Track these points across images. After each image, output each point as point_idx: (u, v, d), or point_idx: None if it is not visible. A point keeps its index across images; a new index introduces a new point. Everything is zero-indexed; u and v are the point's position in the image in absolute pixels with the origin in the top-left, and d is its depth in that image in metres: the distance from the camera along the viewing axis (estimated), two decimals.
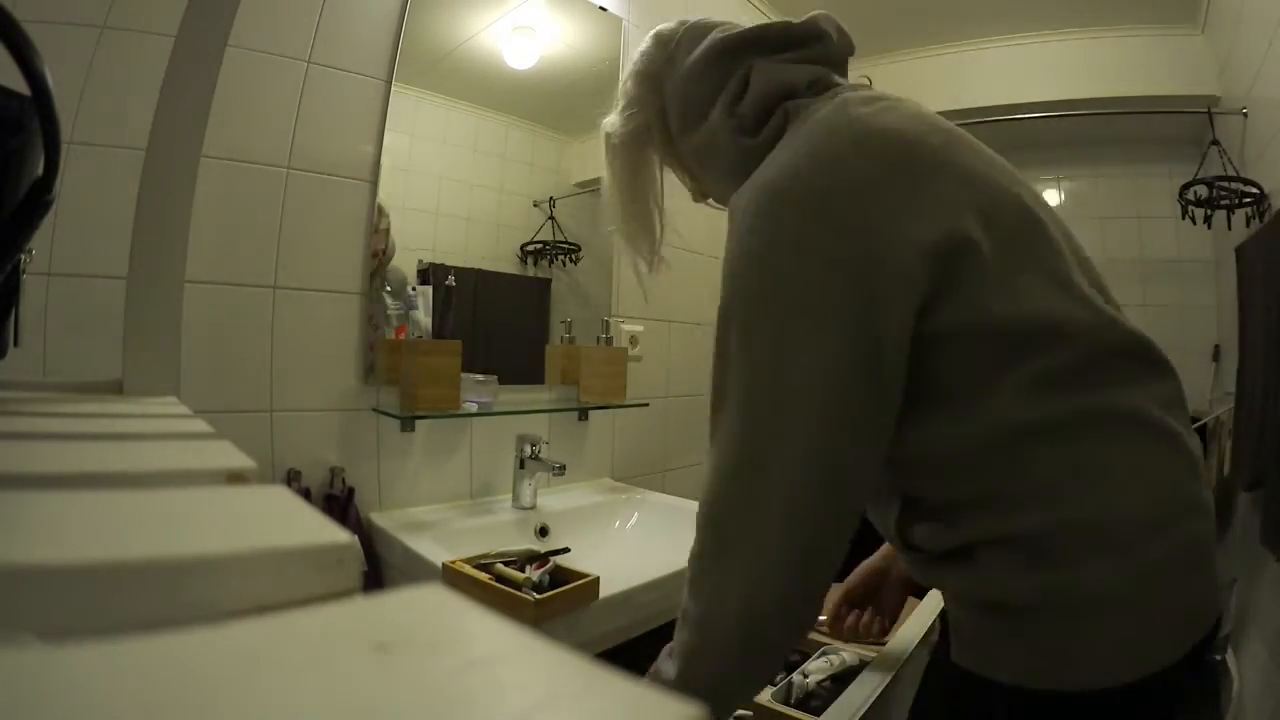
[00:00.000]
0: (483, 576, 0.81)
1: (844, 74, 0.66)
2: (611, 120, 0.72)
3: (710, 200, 0.77)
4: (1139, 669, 0.48)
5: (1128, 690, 0.48)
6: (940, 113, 0.64)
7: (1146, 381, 0.54)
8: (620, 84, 0.71)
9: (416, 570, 0.94)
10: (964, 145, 0.57)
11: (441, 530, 1.07)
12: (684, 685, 0.55)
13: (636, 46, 0.71)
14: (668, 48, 0.67)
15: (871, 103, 0.55)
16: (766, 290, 0.51)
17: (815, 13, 0.64)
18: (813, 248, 0.50)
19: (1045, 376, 0.50)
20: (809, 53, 0.63)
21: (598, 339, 1.43)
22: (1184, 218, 2.08)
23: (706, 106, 0.63)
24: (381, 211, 1.16)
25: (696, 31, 0.66)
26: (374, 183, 1.14)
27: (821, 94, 0.60)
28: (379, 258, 1.17)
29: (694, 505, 0.60)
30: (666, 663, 0.57)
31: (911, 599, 0.93)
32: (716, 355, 0.55)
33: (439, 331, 1.15)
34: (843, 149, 0.51)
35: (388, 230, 1.18)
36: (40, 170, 0.35)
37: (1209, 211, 1.99)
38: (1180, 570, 0.49)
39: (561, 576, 0.84)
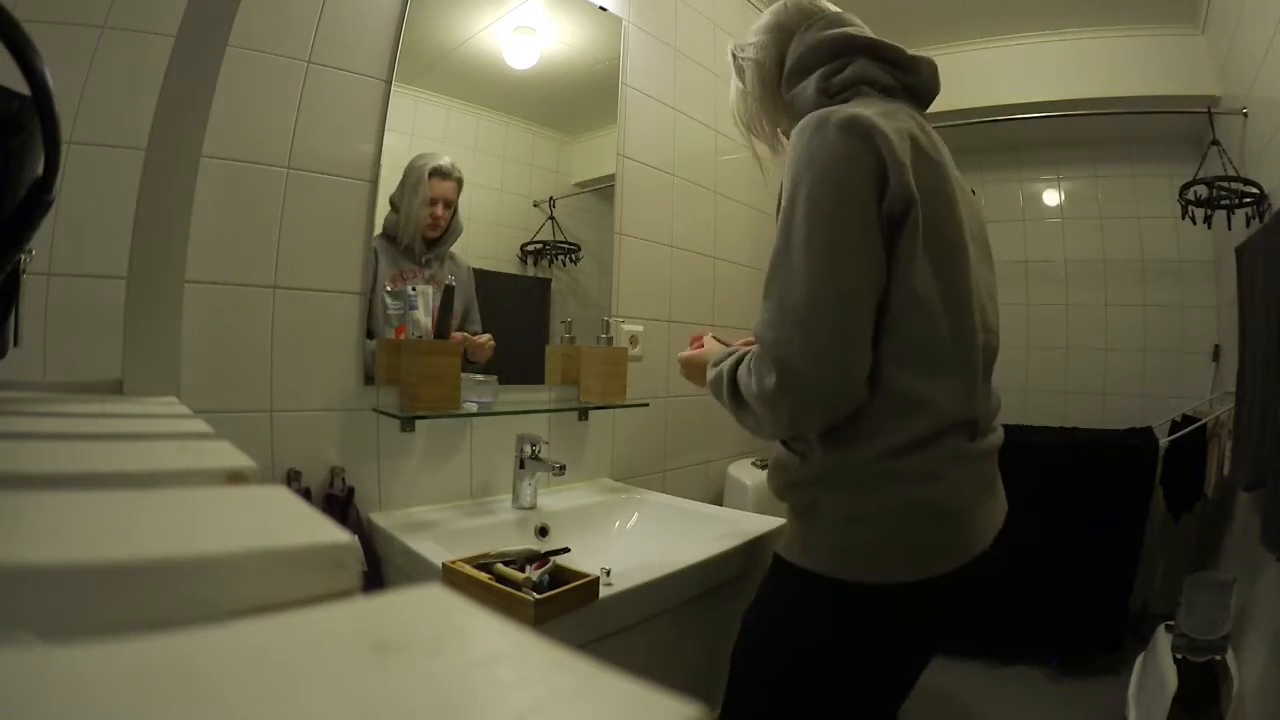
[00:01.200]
0: (483, 576, 0.81)
1: (918, 107, 0.83)
2: (740, 44, 0.91)
3: (780, 132, 0.93)
4: (896, 574, 0.69)
5: (886, 589, 0.69)
6: (940, 113, 0.74)
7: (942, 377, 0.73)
8: (759, 22, 0.90)
9: (416, 570, 0.94)
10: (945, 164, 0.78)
11: (441, 530, 1.07)
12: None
13: (634, 48, 0.78)
14: (808, 17, 0.85)
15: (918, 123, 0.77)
16: (818, 184, 0.69)
17: (922, 55, 0.83)
18: (848, 159, 0.68)
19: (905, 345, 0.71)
20: (900, 75, 0.81)
21: (598, 339, 1.43)
22: (1184, 218, 2.08)
23: (811, 70, 0.82)
24: (450, 168, 1.23)
25: (832, 19, 0.84)
26: (374, 183, 1.14)
27: (888, 98, 0.79)
28: (438, 223, 1.21)
29: (694, 505, 0.61)
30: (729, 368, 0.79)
31: None
32: (784, 221, 0.72)
33: (439, 331, 1.15)
34: (879, 128, 0.70)
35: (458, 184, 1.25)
36: (40, 170, 0.35)
37: (1209, 211, 1.99)
38: (919, 519, 0.70)
39: (561, 576, 0.84)
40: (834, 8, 0.87)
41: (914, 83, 0.82)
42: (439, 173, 1.21)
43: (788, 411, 0.69)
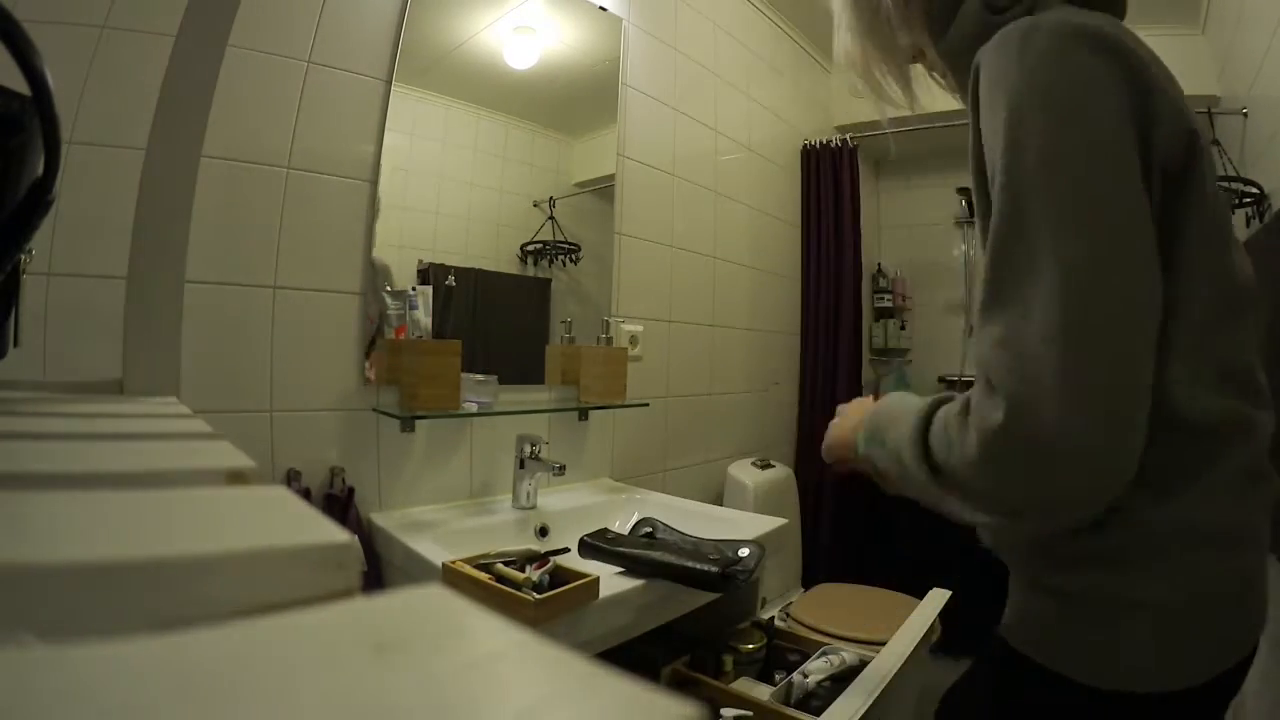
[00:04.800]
0: (483, 576, 0.81)
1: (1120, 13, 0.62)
2: None
3: (928, 69, 0.68)
4: (1170, 681, 0.48)
5: (1157, 698, 0.48)
6: (941, 113, 0.65)
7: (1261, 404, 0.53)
8: None
9: (416, 570, 0.94)
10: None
11: (441, 530, 1.07)
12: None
13: (634, 48, 0.71)
14: None
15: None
16: (1063, 134, 0.45)
17: None
18: (1108, 89, 0.45)
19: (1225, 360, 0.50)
20: None
21: (598, 339, 1.43)
22: None
23: None
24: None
25: None
26: (374, 183, 1.14)
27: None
28: None
29: (694, 505, 0.59)
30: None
31: (909, 598, 0.93)
32: (1005, 226, 0.46)
33: (439, 331, 1.15)
34: (1124, 41, 0.49)
35: None
36: (40, 170, 0.35)
37: None
38: (1232, 597, 0.50)
39: (561, 576, 0.84)
40: None
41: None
42: None
43: (1022, 475, 0.43)
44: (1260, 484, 0.51)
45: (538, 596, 0.77)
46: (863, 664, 0.85)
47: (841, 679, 0.84)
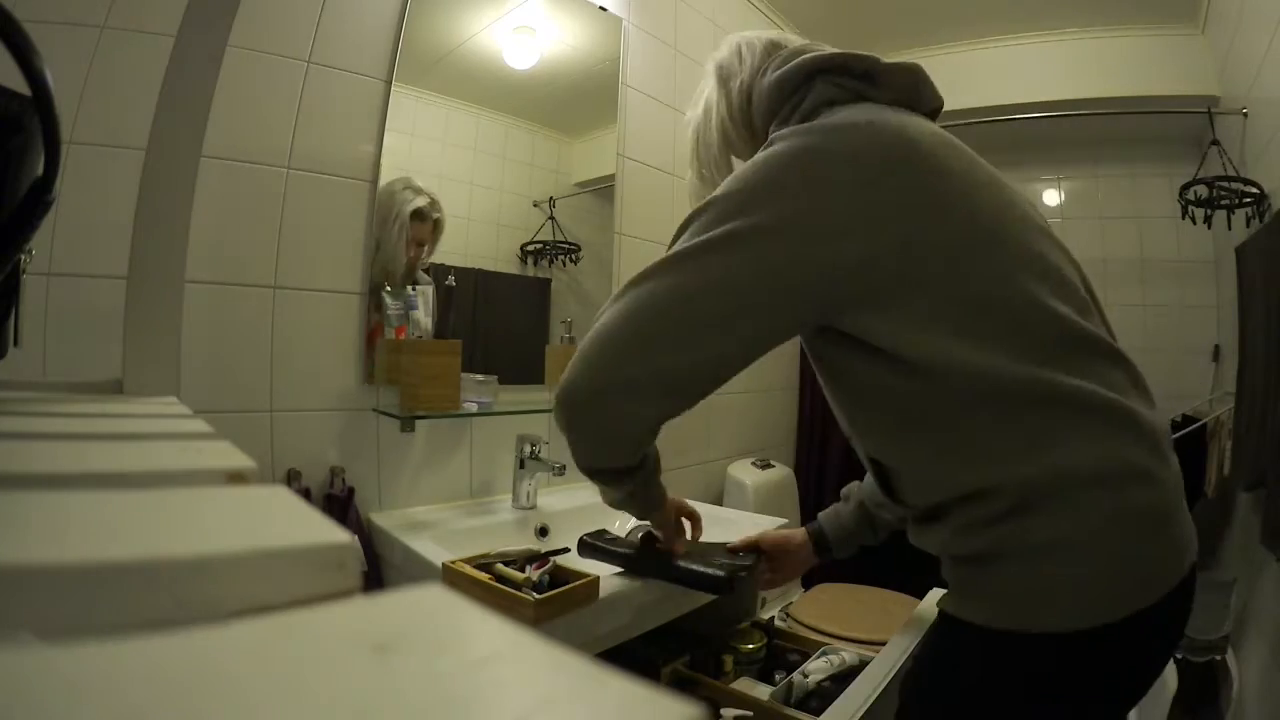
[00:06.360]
0: (483, 576, 0.81)
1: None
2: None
3: None
4: (1093, 617, 0.53)
5: (1084, 635, 0.53)
6: (941, 112, 0.68)
7: (1099, 369, 0.58)
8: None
9: (416, 570, 0.94)
10: (969, 156, 0.64)
11: (441, 530, 1.07)
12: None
13: (634, 48, 0.74)
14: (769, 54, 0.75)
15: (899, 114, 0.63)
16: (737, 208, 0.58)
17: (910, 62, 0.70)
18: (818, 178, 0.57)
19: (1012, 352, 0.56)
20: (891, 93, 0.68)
21: None
22: (1184, 218, 2.08)
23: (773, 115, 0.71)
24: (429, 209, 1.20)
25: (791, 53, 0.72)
26: (374, 183, 1.14)
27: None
28: (414, 266, 1.19)
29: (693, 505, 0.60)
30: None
31: (909, 598, 0.93)
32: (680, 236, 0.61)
33: (439, 331, 1.15)
34: (855, 136, 0.59)
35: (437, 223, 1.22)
36: (40, 170, 0.35)
37: (1209, 211, 1.99)
38: (1132, 532, 0.54)
39: (561, 576, 0.84)
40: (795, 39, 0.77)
41: (913, 100, 0.70)
42: (419, 215, 1.19)
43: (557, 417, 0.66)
44: (1122, 423, 0.57)
45: (538, 596, 0.77)
46: (863, 664, 0.85)
47: (841, 679, 0.84)
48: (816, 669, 0.88)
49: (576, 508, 1.29)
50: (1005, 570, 0.56)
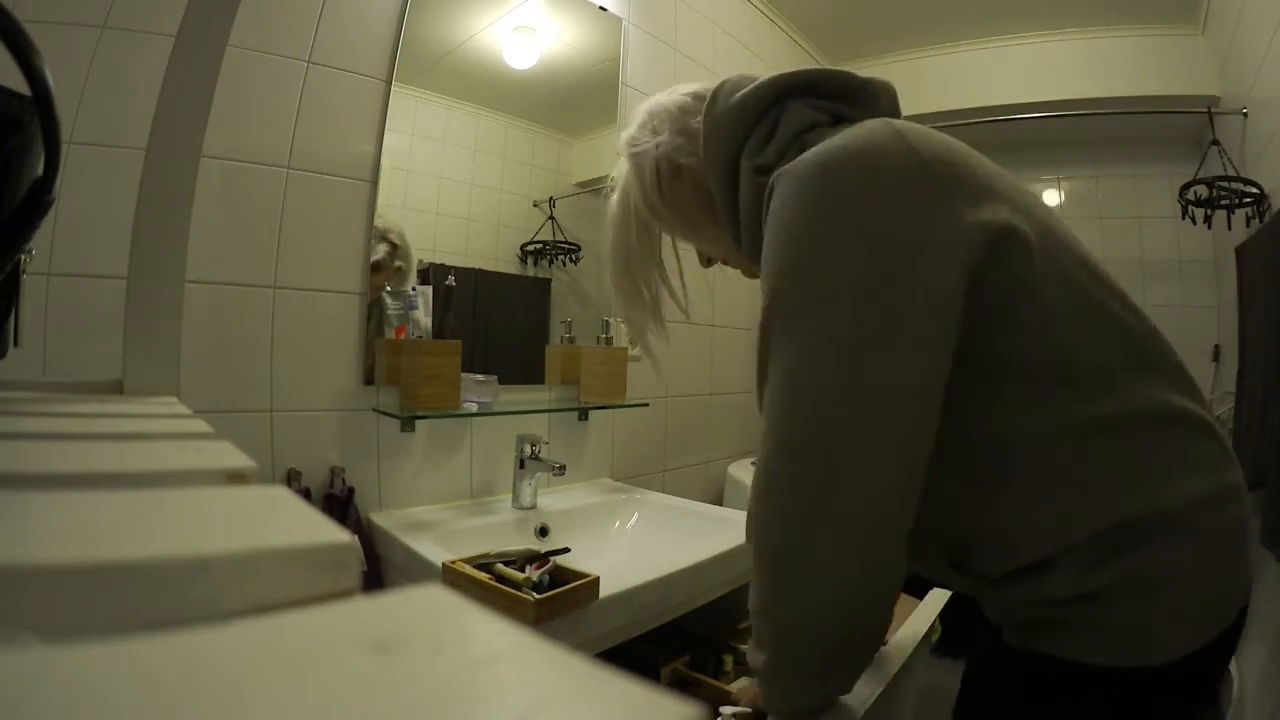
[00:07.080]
0: (483, 576, 0.81)
1: None
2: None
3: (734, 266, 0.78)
4: (1204, 636, 0.51)
5: (1182, 663, 0.50)
6: (940, 113, 0.68)
7: (1164, 374, 0.57)
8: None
9: (416, 570, 0.94)
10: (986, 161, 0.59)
11: (441, 530, 1.07)
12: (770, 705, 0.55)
13: (634, 48, 0.72)
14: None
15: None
16: (812, 272, 0.49)
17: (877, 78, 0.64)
18: (860, 226, 0.49)
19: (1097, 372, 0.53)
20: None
21: (598, 339, 1.43)
22: (1184, 218, 2.08)
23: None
24: (387, 260, 1.15)
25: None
26: (374, 183, 1.14)
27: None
28: (377, 293, 1.13)
29: (693, 505, 0.60)
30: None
31: (910, 598, 0.93)
32: (762, 355, 0.52)
33: (439, 331, 1.15)
34: (885, 140, 0.52)
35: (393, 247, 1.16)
36: (40, 170, 0.35)
37: (1209, 211, 1.99)
38: (1238, 547, 0.54)
39: (561, 576, 0.84)
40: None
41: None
42: (376, 268, 1.14)
43: None
44: (1209, 434, 0.55)
45: (538, 596, 0.77)
46: None
47: None
48: None
49: (576, 508, 1.29)
50: (1124, 604, 0.51)
